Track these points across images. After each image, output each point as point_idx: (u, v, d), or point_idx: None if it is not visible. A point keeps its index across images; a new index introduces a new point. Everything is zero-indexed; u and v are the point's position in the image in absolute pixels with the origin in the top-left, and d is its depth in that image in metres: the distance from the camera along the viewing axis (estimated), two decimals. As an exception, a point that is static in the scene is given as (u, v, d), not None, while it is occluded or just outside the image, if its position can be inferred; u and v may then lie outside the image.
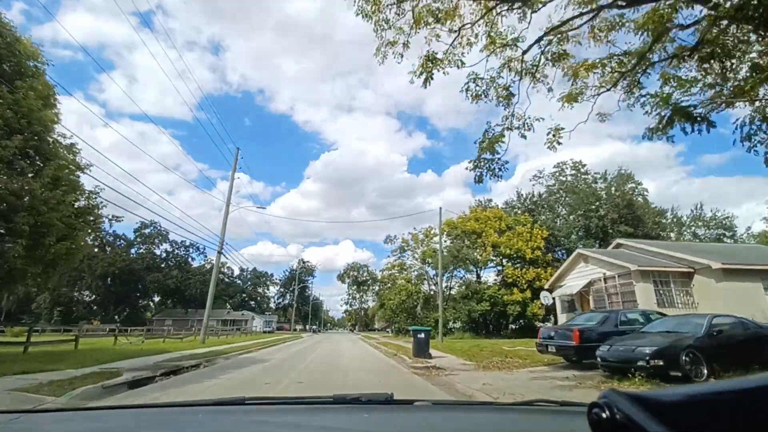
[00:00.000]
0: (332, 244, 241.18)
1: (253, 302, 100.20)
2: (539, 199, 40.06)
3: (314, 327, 79.74)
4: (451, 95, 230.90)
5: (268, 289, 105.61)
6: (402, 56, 8.58)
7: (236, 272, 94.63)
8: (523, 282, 31.67)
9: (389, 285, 41.53)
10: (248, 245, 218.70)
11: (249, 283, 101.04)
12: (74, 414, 1.63)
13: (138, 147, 42.93)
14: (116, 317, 70.52)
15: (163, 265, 68.78)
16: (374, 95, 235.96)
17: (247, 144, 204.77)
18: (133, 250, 64.90)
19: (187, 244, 70.63)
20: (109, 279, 62.62)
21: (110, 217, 70.12)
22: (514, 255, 32.61)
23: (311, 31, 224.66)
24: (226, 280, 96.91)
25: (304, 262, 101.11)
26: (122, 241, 65.48)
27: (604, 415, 0.49)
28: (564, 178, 42.03)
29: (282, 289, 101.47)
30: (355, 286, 74.63)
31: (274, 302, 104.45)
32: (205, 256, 69.84)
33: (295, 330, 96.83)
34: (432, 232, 40.05)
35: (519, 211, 38.54)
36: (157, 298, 74.49)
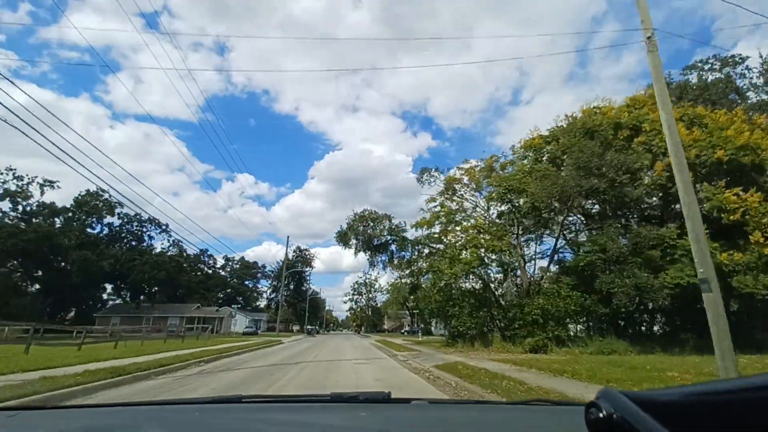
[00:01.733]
0: (336, 245, 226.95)
1: (240, 298, 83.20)
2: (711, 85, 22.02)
3: (309, 327, 61.98)
4: (455, 95, 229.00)
5: (258, 283, 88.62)
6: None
7: (220, 262, 77.86)
8: (762, 220, 13.74)
9: (434, 250, 23.34)
10: (253, 245, 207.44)
11: (235, 276, 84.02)
12: (71, 411, 1.62)
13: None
14: (61, 314, 54.20)
15: (117, 246, 52.32)
16: (379, 95, 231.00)
17: (252, 145, 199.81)
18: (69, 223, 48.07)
19: (145, 218, 53.78)
20: (30, 262, 46.13)
21: (41, 181, 54.08)
22: (727, 162, 14.65)
23: (315, 29, 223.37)
24: (207, 270, 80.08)
25: (300, 250, 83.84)
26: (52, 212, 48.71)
27: (600, 415, 0.48)
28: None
29: (275, 283, 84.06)
30: (366, 254, 54.19)
31: (267, 298, 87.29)
32: (169, 235, 52.55)
33: (291, 331, 79.62)
34: (508, 159, 22.18)
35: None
36: (125, 292, 57.70)
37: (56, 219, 47.65)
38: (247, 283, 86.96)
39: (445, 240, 22.10)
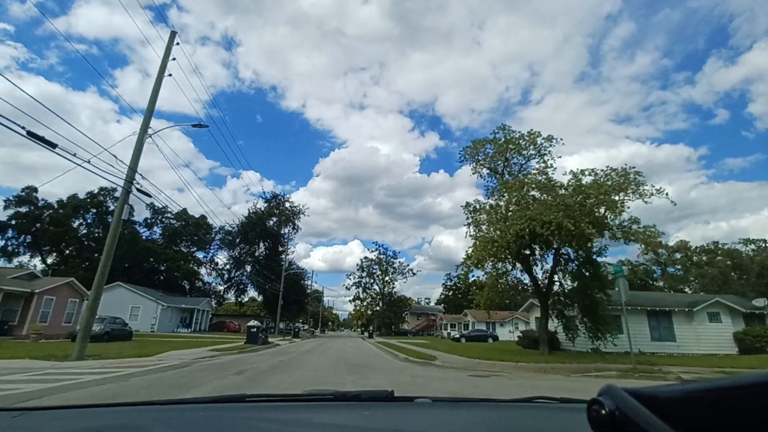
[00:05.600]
0: (340, 244, 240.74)
1: (180, 275, 51.80)
2: None
3: (254, 326, 27.36)
4: (464, 94, 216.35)
5: (212, 254, 57.07)
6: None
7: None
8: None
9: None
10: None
11: (176, 239, 52.67)
12: (75, 411, 1.57)
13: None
14: None
15: None
16: (386, 93, 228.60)
17: (258, 141, 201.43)
18: None
19: None
20: None
21: None
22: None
23: (323, 25, 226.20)
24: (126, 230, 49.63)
25: (277, 199, 52.12)
26: None
27: (603, 411, 0.48)
28: None
29: (234, 253, 52.42)
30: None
31: (225, 275, 55.15)
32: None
33: (264, 331, 48.72)
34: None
35: None
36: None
37: None
38: (198, 253, 55.85)
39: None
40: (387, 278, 63.27)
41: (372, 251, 64.32)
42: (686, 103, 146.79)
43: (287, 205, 52.16)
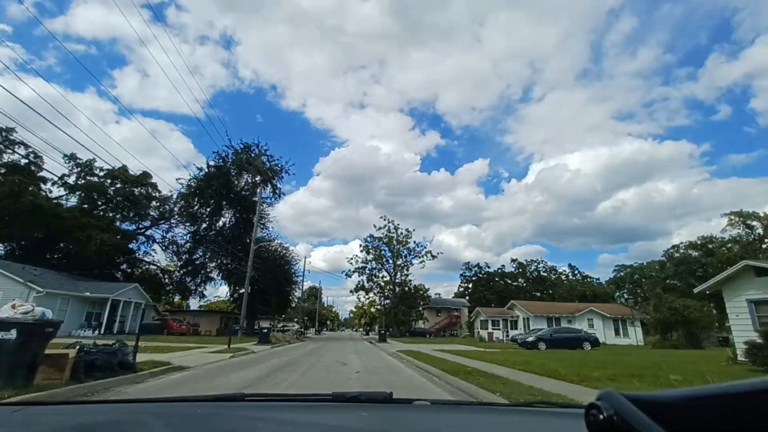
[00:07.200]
0: (341, 244, 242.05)
1: (123, 260, 37.53)
2: None
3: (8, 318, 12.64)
4: (465, 92, 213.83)
5: (170, 234, 42.74)
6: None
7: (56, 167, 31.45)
8: None
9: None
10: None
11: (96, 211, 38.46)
12: (75, 407, 1.58)
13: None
14: None
15: None
16: (387, 91, 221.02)
17: (258, 141, 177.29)
18: None
19: None
20: None
21: None
22: None
23: (323, 23, 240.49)
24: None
25: (248, 149, 37.72)
26: None
27: (601, 417, 0.48)
28: None
29: (195, 224, 38.11)
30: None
31: (185, 257, 40.71)
32: None
33: (236, 331, 34.03)
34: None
35: None
36: None
37: None
38: (156, 235, 41.53)
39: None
40: (399, 262, 48.92)
41: (380, 229, 49.83)
42: (688, 99, 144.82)
43: (264, 159, 37.91)
